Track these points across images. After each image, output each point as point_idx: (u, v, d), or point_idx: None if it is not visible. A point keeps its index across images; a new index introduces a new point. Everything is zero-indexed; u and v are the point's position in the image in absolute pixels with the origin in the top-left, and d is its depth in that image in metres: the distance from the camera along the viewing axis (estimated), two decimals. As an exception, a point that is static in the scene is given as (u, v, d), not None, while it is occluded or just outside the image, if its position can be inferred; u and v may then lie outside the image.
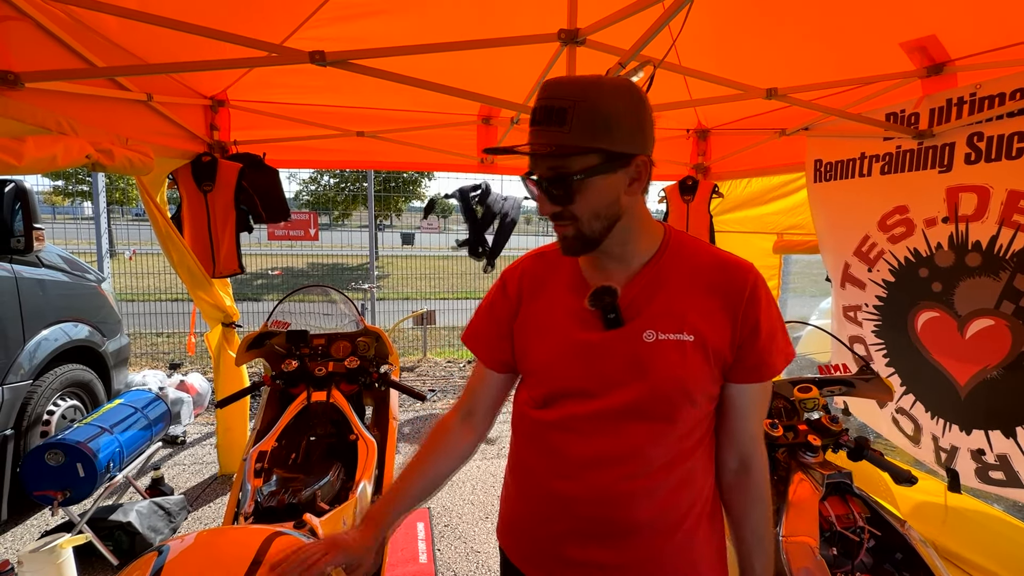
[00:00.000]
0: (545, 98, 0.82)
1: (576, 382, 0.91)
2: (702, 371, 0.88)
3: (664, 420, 0.89)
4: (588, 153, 0.81)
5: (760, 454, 0.95)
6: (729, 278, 0.90)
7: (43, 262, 2.94)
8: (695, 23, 2.09)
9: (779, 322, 0.92)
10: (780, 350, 0.91)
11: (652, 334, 0.88)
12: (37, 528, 2.69)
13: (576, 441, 0.91)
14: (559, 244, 0.91)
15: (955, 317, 2.00)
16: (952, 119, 1.95)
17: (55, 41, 1.62)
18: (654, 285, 0.90)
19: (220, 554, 0.84)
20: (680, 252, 0.93)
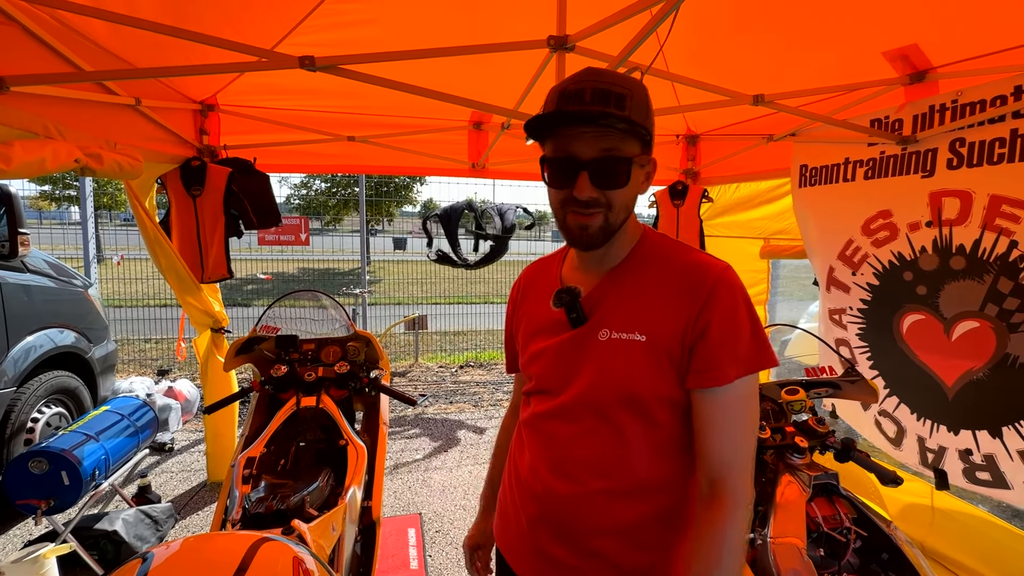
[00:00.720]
0: (596, 81, 0.82)
1: (543, 381, 0.96)
2: (650, 373, 0.85)
3: (618, 424, 0.87)
4: (640, 140, 0.84)
5: (735, 486, 0.81)
6: (692, 279, 0.87)
7: (28, 267, 2.91)
8: (683, 30, 2.12)
9: (743, 327, 0.84)
10: (736, 356, 0.83)
11: (606, 333, 0.88)
12: (20, 538, 2.64)
13: (543, 439, 0.95)
14: (576, 236, 0.88)
15: (941, 319, 2.03)
16: (935, 125, 1.99)
17: (42, 45, 1.61)
18: (617, 285, 0.91)
19: (205, 561, 0.84)
20: (653, 254, 0.93)
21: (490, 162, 3.37)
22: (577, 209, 0.85)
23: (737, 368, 0.83)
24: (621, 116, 0.79)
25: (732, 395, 0.84)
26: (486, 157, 3.28)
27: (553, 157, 0.85)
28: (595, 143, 0.81)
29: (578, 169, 0.82)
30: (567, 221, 0.88)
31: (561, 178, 0.85)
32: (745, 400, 0.85)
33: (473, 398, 5.11)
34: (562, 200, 0.87)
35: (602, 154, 0.82)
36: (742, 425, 0.85)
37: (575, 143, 0.82)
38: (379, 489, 1.90)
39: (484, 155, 3.28)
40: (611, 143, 0.81)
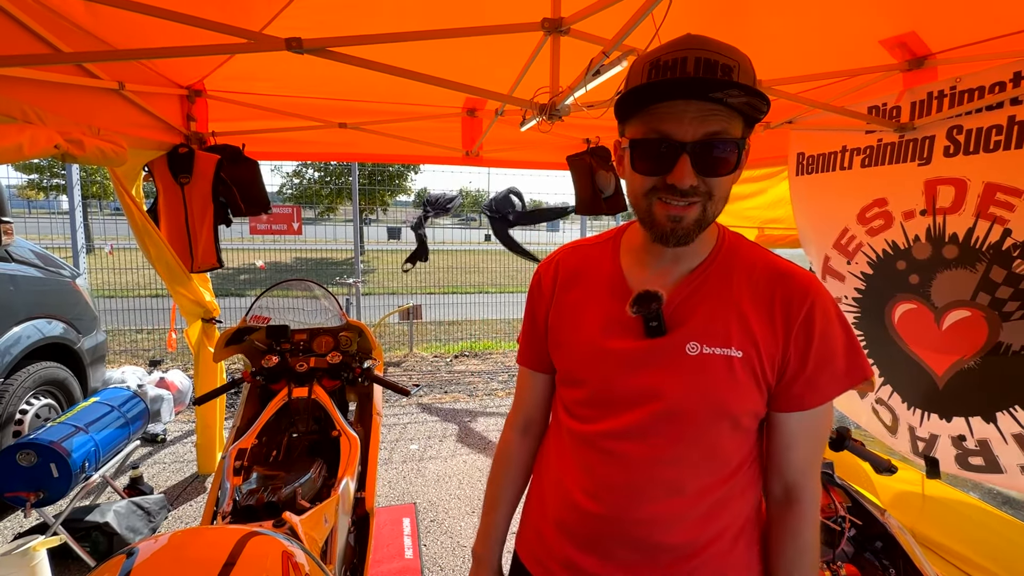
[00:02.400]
0: (700, 49, 0.70)
1: (609, 392, 0.84)
2: (749, 392, 0.79)
3: (702, 442, 0.80)
4: (746, 121, 0.73)
5: (811, 488, 0.83)
6: (786, 292, 0.79)
7: (13, 257, 2.85)
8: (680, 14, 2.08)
9: (839, 344, 0.79)
10: (834, 377, 0.79)
11: (696, 347, 0.79)
12: (11, 530, 2.62)
13: (607, 460, 0.84)
14: (666, 230, 0.76)
15: (932, 309, 2.03)
16: (933, 112, 1.97)
17: (17, 25, 1.55)
18: (702, 292, 0.81)
19: (192, 556, 0.82)
20: (734, 256, 0.84)
21: (484, 150, 3.33)
22: (671, 199, 0.73)
23: (834, 389, 0.80)
24: (740, 86, 0.66)
25: (820, 411, 0.81)
26: (480, 144, 3.24)
27: (644, 138, 0.73)
28: (698, 123, 0.70)
29: (678, 152, 0.71)
30: (654, 212, 0.76)
31: (653, 163, 0.73)
32: (828, 412, 0.83)
33: (468, 388, 5.10)
34: (650, 187, 0.75)
35: (708, 136, 0.70)
36: (822, 435, 0.84)
37: (672, 122, 0.70)
38: (372, 480, 1.89)
39: (478, 142, 3.23)
40: (718, 123, 0.70)
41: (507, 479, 1.03)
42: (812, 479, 0.84)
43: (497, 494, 1.03)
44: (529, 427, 1.03)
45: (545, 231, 15.75)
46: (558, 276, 0.94)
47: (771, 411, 0.82)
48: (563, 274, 0.94)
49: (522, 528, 1.01)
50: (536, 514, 0.97)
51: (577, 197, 3.43)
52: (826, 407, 0.82)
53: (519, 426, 1.03)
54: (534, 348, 0.98)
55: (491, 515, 1.03)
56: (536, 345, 0.97)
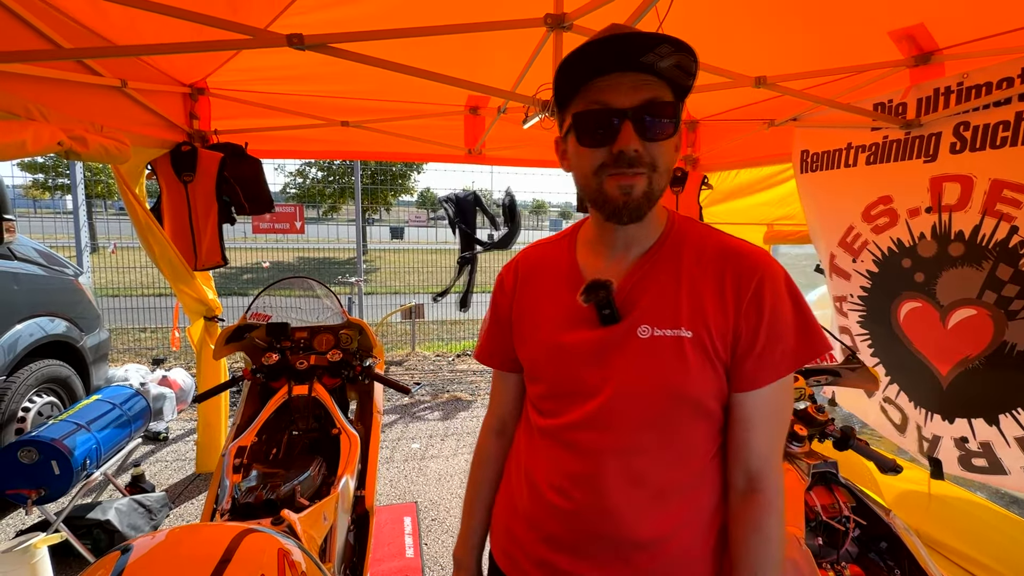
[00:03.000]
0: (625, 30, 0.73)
1: (570, 384, 0.84)
2: (703, 372, 0.78)
3: (662, 429, 0.80)
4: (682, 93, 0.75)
5: (774, 478, 0.80)
6: (735, 269, 0.79)
7: (16, 255, 2.86)
8: (683, 10, 2.06)
9: (790, 319, 0.78)
10: (786, 352, 0.78)
11: (647, 330, 0.79)
12: (12, 527, 2.62)
13: (570, 453, 0.84)
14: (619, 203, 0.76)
15: (937, 307, 2.01)
16: (939, 108, 1.95)
17: (18, 20, 1.55)
18: (652, 275, 0.82)
19: (187, 552, 0.81)
20: (684, 239, 0.84)
21: (487, 148, 3.32)
22: (618, 170, 0.74)
23: (785, 364, 0.78)
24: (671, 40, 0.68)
25: (775, 389, 0.79)
26: (482, 143, 3.23)
27: (585, 110, 0.75)
28: (634, 91, 0.72)
29: (621, 119, 0.72)
30: (605, 188, 0.77)
31: (599, 134, 0.74)
32: (785, 390, 0.81)
33: (470, 387, 5.09)
34: (598, 165, 0.76)
35: (645, 102, 0.72)
36: (781, 417, 0.82)
37: (611, 93, 0.72)
38: (372, 478, 1.88)
39: (480, 140, 3.22)
40: (652, 91, 0.72)
41: (484, 482, 1.03)
42: (774, 467, 0.81)
43: (475, 498, 1.04)
44: (504, 429, 1.03)
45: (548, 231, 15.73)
46: (519, 276, 0.96)
47: (734, 392, 0.81)
48: (523, 273, 0.96)
49: (494, 527, 1.01)
50: (507, 512, 0.96)
51: (579, 195, 3.41)
52: (781, 386, 0.80)
53: (494, 428, 1.04)
54: (501, 348, 0.99)
55: (470, 520, 1.04)
56: (503, 345, 0.98)
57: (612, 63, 0.71)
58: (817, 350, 0.79)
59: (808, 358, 0.79)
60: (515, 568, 0.92)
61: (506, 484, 0.99)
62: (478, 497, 1.03)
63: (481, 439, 1.06)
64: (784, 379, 0.80)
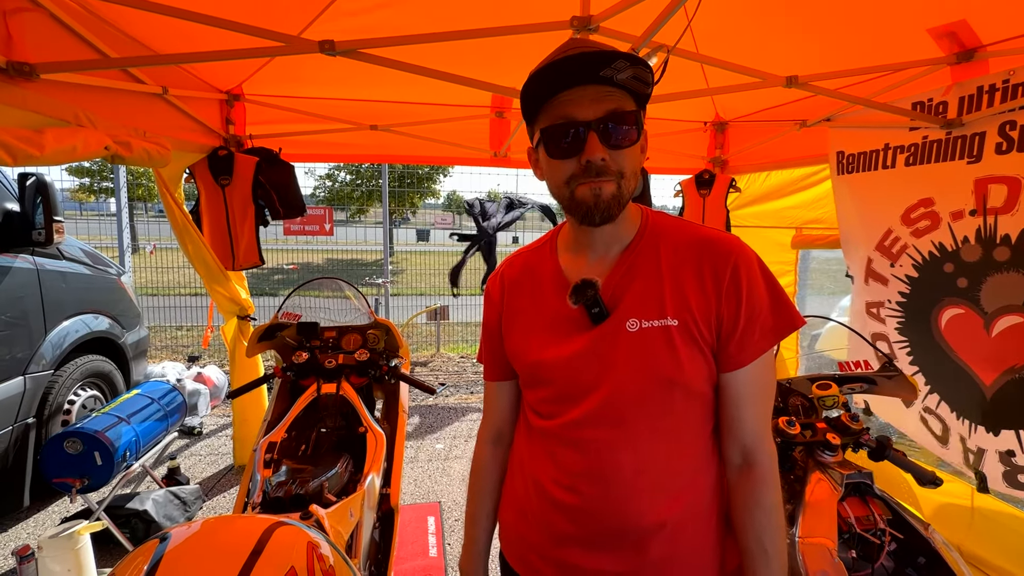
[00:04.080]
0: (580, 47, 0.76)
1: (569, 386, 0.87)
2: (692, 357, 0.82)
3: (659, 418, 0.83)
4: (641, 101, 0.80)
5: (767, 450, 0.85)
6: (711, 257, 0.83)
7: (64, 255, 3.00)
8: (712, 9, 2.03)
9: (764, 298, 0.83)
10: (764, 330, 0.82)
11: (635, 323, 0.83)
12: (58, 514, 2.75)
13: (574, 450, 0.87)
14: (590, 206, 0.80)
15: (981, 314, 1.93)
16: (983, 107, 1.87)
17: (69, 32, 1.64)
18: (634, 270, 0.86)
19: (221, 542, 0.84)
20: (659, 233, 0.88)
21: (512, 151, 3.33)
22: (587, 179, 0.79)
23: (765, 341, 0.83)
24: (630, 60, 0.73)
25: (759, 366, 0.84)
26: (508, 145, 3.24)
27: (552, 124, 0.79)
28: (597, 104, 0.77)
29: (586, 130, 0.77)
30: (576, 195, 0.81)
31: (564, 147, 0.79)
32: (768, 366, 0.86)
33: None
34: (569, 175, 0.81)
35: (608, 112, 0.77)
36: (768, 392, 0.87)
37: (574, 107, 0.77)
38: (397, 476, 1.90)
39: (506, 143, 3.24)
40: (614, 102, 0.77)
41: (484, 492, 1.05)
42: (766, 440, 0.86)
43: (476, 508, 1.05)
44: (500, 438, 1.05)
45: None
46: (504, 286, 0.99)
47: (722, 373, 0.85)
48: (508, 283, 0.98)
49: (505, 535, 1.02)
50: (517, 518, 0.98)
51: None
52: (764, 362, 0.84)
53: (490, 438, 1.05)
54: (495, 359, 1.01)
55: (473, 530, 1.06)
56: (496, 356, 1.01)
57: (574, 78, 0.76)
58: (793, 324, 0.84)
59: (785, 332, 0.84)
60: (533, 572, 0.94)
61: (511, 491, 1.01)
62: (480, 507, 1.05)
63: (477, 449, 1.07)
64: (766, 355, 0.84)
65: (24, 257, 2.69)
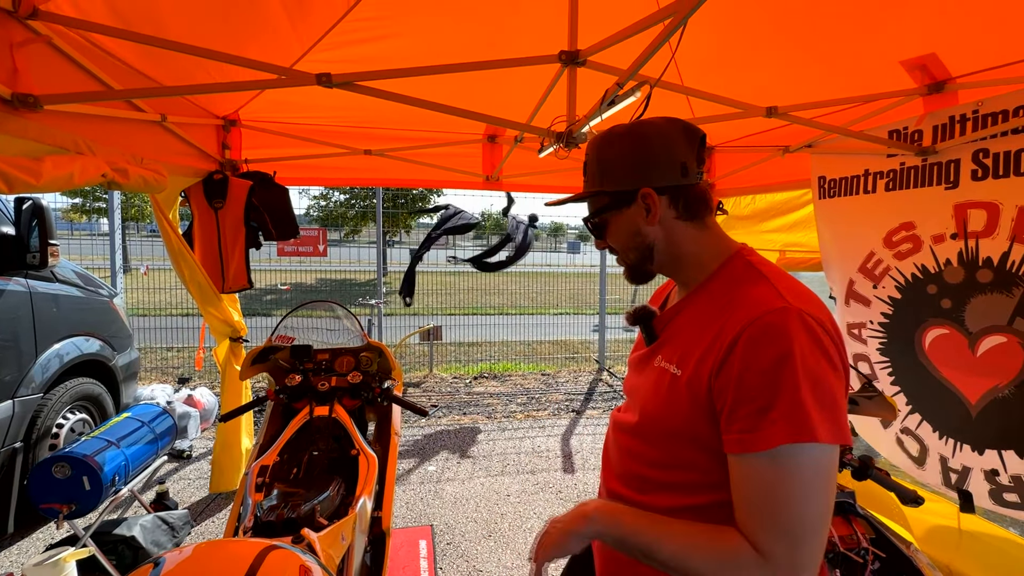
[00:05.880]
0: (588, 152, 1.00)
1: (625, 390, 1.05)
2: (693, 410, 0.79)
3: (660, 449, 0.87)
4: (596, 195, 0.97)
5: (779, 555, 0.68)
6: (730, 317, 0.78)
7: (57, 277, 3.00)
8: (697, 43, 2.12)
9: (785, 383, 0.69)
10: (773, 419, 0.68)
11: (660, 360, 0.92)
12: (43, 541, 2.70)
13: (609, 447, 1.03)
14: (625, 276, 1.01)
15: (966, 334, 1.98)
16: (956, 135, 1.95)
17: (73, 64, 1.68)
18: (679, 315, 0.93)
19: (214, 567, 0.85)
20: (720, 283, 0.87)
21: (504, 174, 3.40)
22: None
23: (777, 435, 0.68)
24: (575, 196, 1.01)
25: (757, 467, 0.70)
26: (500, 169, 3.31)
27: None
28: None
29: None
30: None
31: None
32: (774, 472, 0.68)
33: (487, 410, 5.09)
34: None
35: (586, 220, 1.01)
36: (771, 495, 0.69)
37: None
38: (389, 499, 1.90)
39: (498, 168, 3.31)
40: (587, 207, 1.01)
41: None
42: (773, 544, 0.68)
43: None
44: None
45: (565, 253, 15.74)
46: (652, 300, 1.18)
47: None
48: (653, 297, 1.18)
49: None
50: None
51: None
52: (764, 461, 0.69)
53: None
54: None
55: None
56: None
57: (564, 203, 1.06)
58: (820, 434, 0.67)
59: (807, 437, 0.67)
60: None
61: None
62: None
63: None
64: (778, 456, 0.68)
65: (17, 280, 2.70)
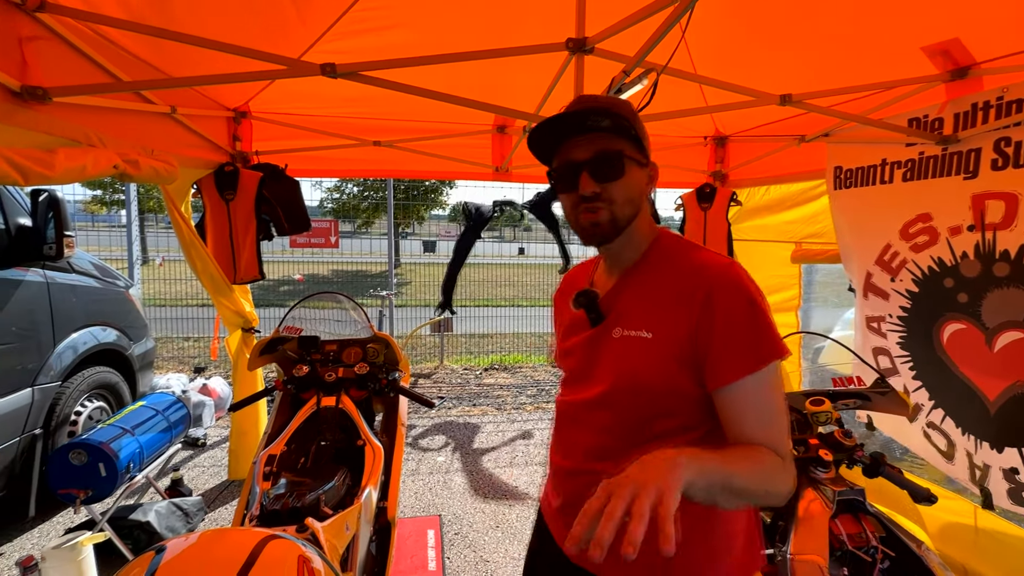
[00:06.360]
0: (581, 103, 0.96)
1: (572, 374, 1.06)
2: (659, 367, 0.90)
3: (631, 415, 0.94)
4: (631, 139, 0.94)
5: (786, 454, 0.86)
6: (692, 281, 0.91)
7: (74, 268, 3.06)
8: (708, 29, 2.07)
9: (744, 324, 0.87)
10: (745, 354, 0.86)
11: (620, 331, 0.96)
12: (62, 525, 2.78)
13: (567, 426, 1.06)
14: (589, 232, 0.96)
15: (983, 329, 1.92)
16: (978, 124, 1.89)
17: (82, 57, 1.69)
18: (628, 287, 0.99)
19: (215, 555, 0.86)
20: (663, 255, 0.99)
21: (513, 165, 3.37)
22: (585, 206, 0.94)
23: (746, 364, 0.85)
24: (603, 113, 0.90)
25: (748, 387, 0.86)
26: (509, 160, 3.29)
27: (557, 166, 0.97)
28: (587, 147, 0.93)
29: (579, 169, 0.93)
30: (580, 221, 0.96)
31: (567, 182, 0.95)
32: (765, 390, 0.87)
33: (496, 401, 5.11)
34: (572, 203, 0.96)
35: (596, 153, 0.92)
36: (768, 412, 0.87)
37: (573, 150, 0.94)
38: (395, 490, 1.92)
39: (507, 158, 3.28)
40: (602, 143, 0.92)
41: None
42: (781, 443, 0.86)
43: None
44: None
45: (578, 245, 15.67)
46: (561, 290, 1.21)
47: (709, 391, 0.89)
48: (563, 288, 1.20)
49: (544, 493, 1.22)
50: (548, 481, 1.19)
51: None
52: (755, 381, 0.86)
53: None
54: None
55: None
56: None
57: (572, 130, 0.94)
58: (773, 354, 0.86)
59: (765, 360, 0.86)
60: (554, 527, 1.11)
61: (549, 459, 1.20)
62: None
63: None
64: (756, 377, 0.86)
65: (35, 271, 2.75)
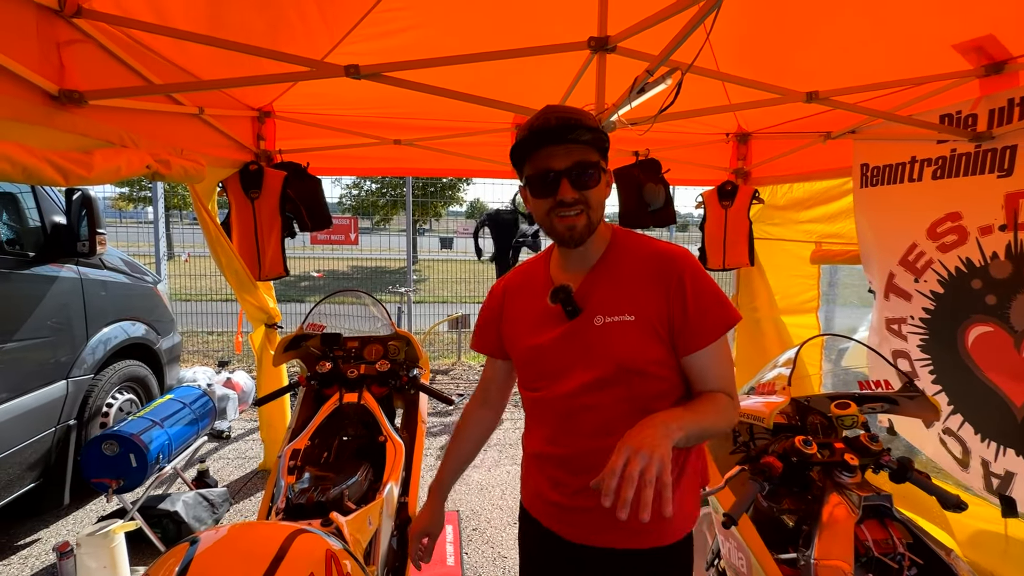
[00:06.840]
0: (556, 112, 1.02)
1: (551, 366, 1.11)
2: (644, 344, 1.03)
3: (623, 390, 1.04)
4: (600, 152, 1.04)
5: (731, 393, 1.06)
6: (663, 267, 1.05)
7: (105, 264, 3.16)
8: (732, 26, 2.04)
9: (710, 299, 1.03)
10: (713, 323, 1.03)
11: (601, 318, 1.05)
12: (95, 513, 2.88)
13: (559, 413, 1.10)
14: (566, 236, 1.04)
15: (1011, 333, 1.87)
16: (1014, 120, 1.83)
17: (116, 61, 1.75)
18: (601, 278, 1.09)
19: (246, 548, 0.89)
20: (625, 248, 1.12)
21: (531, 164, 3.37)
22: (563, 212, 1.02)
23: (715, 331, 1.04)
24: (584, 127, 1.00)
25: (714, 349, 1.05)
26: (528, 159, 3.28)
27: (534, 174, 1.03)
28: (566, 157, 1.00)
29: (559, 177, 1.01)
30: (554, 225, 1.05)
31: (545, 189, 1.02)
32: (723, 349, 1.07)
33: (513, 398, 5.12)
34: (547, 208, 1.04)
35: (575, 163, 1.00)
36: (726, 366, 1.08)
37: (551, 159, 1.01)
38: (416, 485, 1.94)
39: (526, 157, 3.28)
40: (580, 155, 1.01)
41: (461, 437, 1.35)
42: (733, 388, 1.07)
43: (452, 448, 1.35)
44: (487, 400, 1.35)
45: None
46: (507, 290, 1.25)
47: (679, 359, 1.06)
48: (511, 288, 1.25)
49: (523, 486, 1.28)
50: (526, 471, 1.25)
51: (620, 209, 3.43)
52: (717, 346, 1.05)
53: (479, 399, 1.36)
54: (490, 340, 1.28)
55: (446, 463, 1.35)
56: (492, 337, 1.27)
57: (551, 139, 1.00)
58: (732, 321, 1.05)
59: (730, 323, 1.05)
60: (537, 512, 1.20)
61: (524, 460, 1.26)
62: (455, 447, 1.35)
63: (467, 406, 1.38)
64: (720, 341, 1.05)
65: (69, 267, 2.85)
